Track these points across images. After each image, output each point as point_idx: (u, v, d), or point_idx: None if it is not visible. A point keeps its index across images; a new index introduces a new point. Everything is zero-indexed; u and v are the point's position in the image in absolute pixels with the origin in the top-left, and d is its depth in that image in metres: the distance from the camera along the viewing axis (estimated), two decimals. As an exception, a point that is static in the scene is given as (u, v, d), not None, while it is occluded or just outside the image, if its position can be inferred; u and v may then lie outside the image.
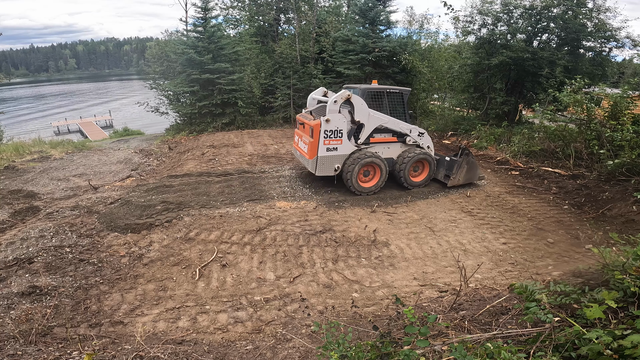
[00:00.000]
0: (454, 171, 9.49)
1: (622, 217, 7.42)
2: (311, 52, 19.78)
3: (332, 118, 8.27)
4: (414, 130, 9.34)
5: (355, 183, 8.78)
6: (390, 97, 9.16)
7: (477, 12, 14.64)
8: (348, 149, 8.71)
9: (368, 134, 8.83)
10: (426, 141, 9.59)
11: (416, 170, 9.62)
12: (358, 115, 8.53)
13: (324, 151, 8.48)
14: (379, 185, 9.06)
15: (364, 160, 8.60)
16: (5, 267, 5.56)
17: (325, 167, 8.63)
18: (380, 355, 2.67)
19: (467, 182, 9.77)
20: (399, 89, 9.20)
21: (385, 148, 9.28)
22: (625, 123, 9.25)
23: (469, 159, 9.52)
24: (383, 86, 9.18)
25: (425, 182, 9.63)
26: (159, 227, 7.14)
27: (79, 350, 3.84)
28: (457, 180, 9.55)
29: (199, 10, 17.59)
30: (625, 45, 13.33)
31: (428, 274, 5.72)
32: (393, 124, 9.04)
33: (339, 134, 8.46)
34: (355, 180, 8.73)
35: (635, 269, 3.09)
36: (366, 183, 9.04)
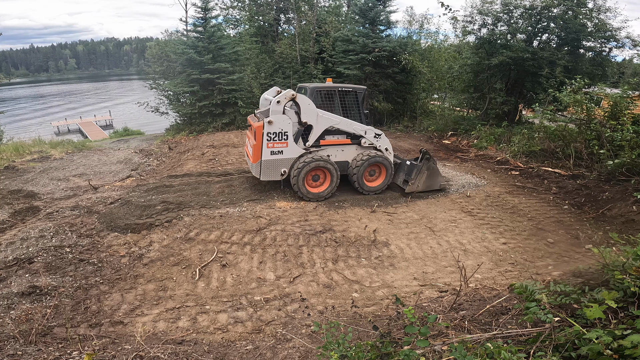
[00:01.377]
0: (413, 176, 8.93)
1: (622, 217, 7.42)
2: (311, 52, 19.78)
3: (276, 119, 7.84)
4: (369, 131, 8.79)
5: (303, 188, 8.33)
6: (343, 96, 8.67)
7: (477, 12, 14.65)
8: (295, 152, 8.25)
9: (317, 136, 8.35)
10: (384, 143, 8.99)
11: (372, 175, 9.08)
12: (305, 116, 8.06)
13: (268, 154, 8.04)
14: (330, 190, 8.58)
15: (311, 164, 8.17)
16: (5, 267, 5.56)
17: (270, 171, 8.21)
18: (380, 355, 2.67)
19: (428, 189, 9.14)
20: (352, 88, 8.72)
21: (338, 151, 8.76)
22: (625, 123, 9.25)
23: (429, 164, 8.97)
24: (334, 84, 8.73)
25: (382, 188, 9.07)
26: (159, 227, 7.14)
27: (79, 350, 3.84)
28: (415, 186, 8.97)
29: (199, 10, 17.61)
30: (625, 45, 13.34)
31: (428, 274, 5.72)
32: (345, 125, 8.53)
33: (283, 136, 8.01)
34: (302, 185, 8.30)
35: (635, 269, 3.09)
36: (316, 188, 8.56)
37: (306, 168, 8.19)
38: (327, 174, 8.54)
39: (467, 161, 12.27)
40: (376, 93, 18.15)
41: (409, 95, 19.36)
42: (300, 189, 8.35)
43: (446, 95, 20.48)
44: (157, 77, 21.55)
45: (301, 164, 8.19)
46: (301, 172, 8.19)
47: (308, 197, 8.43)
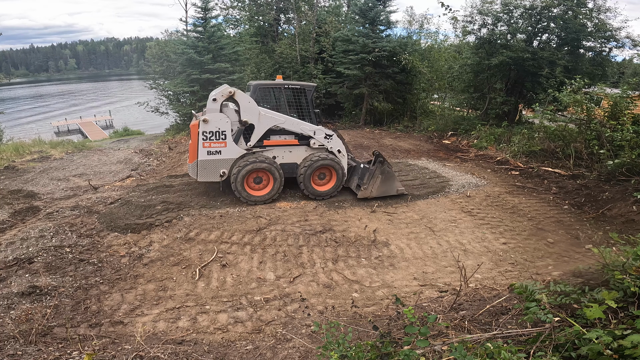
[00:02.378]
0: (365, 181, 8.48)
1: (622, 217, 7.42)
2: (311, 52, 19.78)
3: (211, 118, 7.51)
4: (319, 132, 8.32)
5: (243, 191, 7.95)
6: (290, 93, 8.24)
7: (477, 12, 14.66)
8: (235, 153, 7.88)
9: (260, 136, 7.97)
10: (335, 144, 8.52)
11: (322, 178, 8.59)
12: (245, 114, 7.71)
13: (204, 154, 7.71)
14: (273, 194, 8.18)
15: (251, 166, 7.79)
16: (5, 267, 5.56)
17: (208, 172, 7.85)
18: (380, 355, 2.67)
19: (383, 194, 8.61)
20: (300, 85, 8.30)
21: (286, 152, 8.34)
22: (625, 123, 9.25)
23: (384, 168, 8.45)
24: (281, 81, 8.27)
25: (332, 192, 8.60)
26: (159, 227, 7.14)
27: (79, 350, 3.85)
28: (368, 192, 8.47)
29: (199, 10, 17.59)
30: (625, 45, 13.36)
31: (428, 274, 5.72)
32: (292, 125, 8.11)
33: (221, 135, 7.66)
34: (241, 188, 7.91)
35: (635, 269, 3.09)
36: (258, 191, 8.16)
37: (245, 170, 7.79)
38: (270, 177, 8.11)
39: (467, 161, 12.27)
40: (376, 93, 18.15)
41: (409, 95, 19.36)
42: (240, 192, 7.96)
43: (446, 95, 20.49)
44: (157, 77, 21.54)
45: (240, 166, 7.82)
46: (239, 174, 7.80)
47: (249, 201, 8.07)
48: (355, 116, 19.84)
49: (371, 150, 13.49)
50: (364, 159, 12.37)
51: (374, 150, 9.08)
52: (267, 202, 8.19)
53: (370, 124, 19.22)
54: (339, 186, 8.67)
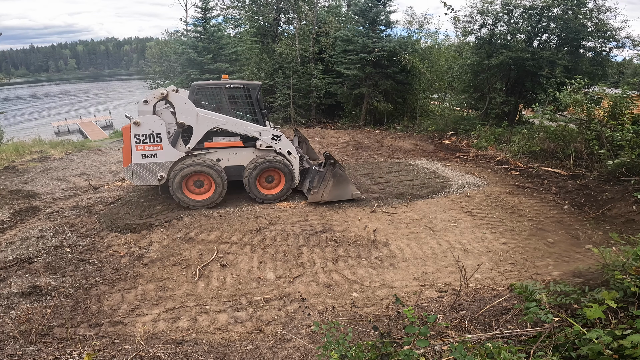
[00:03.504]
0: (316, 184, 8.13)
1: (622, 217, 7.42)
2: (311, 52, 19.79)
3: (143, 120, 7.30)
4: (265, 132, 7.99)
5: (181, 195, 7.68)
6: (232, 93, 7.96)
7: (477, 12, 14.67)
8: (173, 156, 7.62)
9: (200, 138, 7.70)
10: (284, 146, 8.18)
11: (270, 181, 8.28)
12: (181, 116, 7.46)
13: (138, 158, 7.46)
14: (215, 198, 7.86)
15: (188, 169, 7.54)
16: (5, 267, 5.56)
17: (144, 176, 7.60)
18: (380, 355, 2.68)
19: (337, 199, 8.27)
20: (243, 84, 7.99)
21: (231, 154, 8.04)
22: (625, 123, 9.26)
23: (335, 171, 8.07)
24: (223, 81, 7.99)
25: (281, 196, 8.29)
26: (159, 227, 7.14)
27: (79, 350, 3.85)
28: (320, 196, 8.09)
29: (199, 10, 17.63)
30: (625, 45, 13.37)
31: (428, 274, 5.72)
32: (234, 126, 7.80)
33: (156, 138, 7.42)
34: (180, 192, 7.65)
35: (635, 269, 3.09)
36: (199, 195, 7.88)
37: (183, 173, 7.54)
38: (211, 180, 7.79)
39: (467, 161, 12.27)
40: (376, 93, 18.16)
41: (409, 95, 19.37)
42: (179, 197, 7.69)
43: (446, 95, 20.49)
44: (157, 77, 21.57)
45: (177, 169, 7.57)
46: (176, 178, 7.54)
47: (189, 206, 7.79)
48: (355, 116, 19.85)
49: (371, 150, 13.52)
50: (363, 159, 12.39)
51: (324, 152, 8.70)
52: (209, 207, 7.85)
53: (370, 124, 19.23)
54: (288, 189, 8.35)
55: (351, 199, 8.47)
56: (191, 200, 7.80)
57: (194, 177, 7.76)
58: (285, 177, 8.24)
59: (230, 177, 8.06)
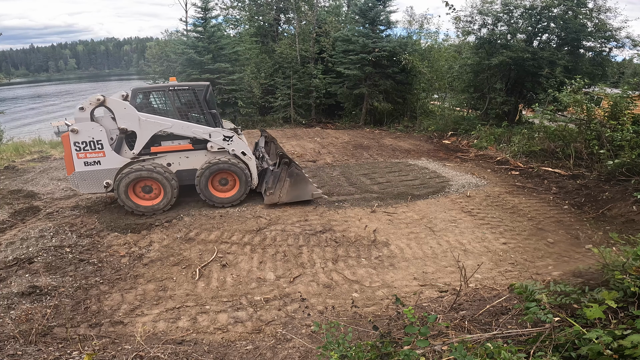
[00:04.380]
0: (271, 185, 7.91)
1: (622, 217, 7.42)
2: (311, 52, 19.79)
3: (81, 128, 7.11)
4: (215, 134, 7.75)
5: (128, 201, 7.49)
6: (177, 96, 7.77)
7: (477, 12, 14.67)
8: (118, 162, 7.44)
9: (144, 143, 7.50)
10: (238, 146, 7.92)
11: (225, 184, 8.05)
12: (122, 121, 7.29)
13: (81, 166, 7.30)
14: (165, 203, 7.65)
15: (134, 174, 7.36)
16: (5, 267, 5.56)
17: (89, 183, 7.44)
18: (380, 355, 2.68)
19: (295, 200, 8.06)
20: (188, 86, 7.82)
21: (182, 158, 7.83)
22: (625, 123, 9.26)
23: (291, 171, 7.83)
24: (166, 84, 7.87)
25: (237, 199, 8.04)
26: (159, 227, 7.15)
27: (79, 350, 3.85)
28: (276, 197, 7.91)
29: (199, 10, 17.61)
30: (625, 45, 13.38)
31: (428, 274, 5.72)
32: (181, 129, 7.59)
33: (97, 145, 7.23)
34: (126, 198, 7.46)
35: (635, 269, 3.09)
36: (149, 200, 7.69)
37: (127, 179, 7.35)
38: (159, 185, 7.61)
39: (467, 161, 12.27)
40: (376, 93, 18.16)
41: (409, 95, 19.37)
42: (125, 202, 7.50)
43: (446, 95, 20.50)
44: (157, 77, 21.56)
45: (122, 175, 7.40)
46: (121, 184, 7.38)
47: (138, 212, 7.61)
48: (355, 116, 19.85)
49: (371, 150, 13.52)
50: (363, 159, 12.39)
51: (277, 151, 8.35)
52: (159, 212, 7.67)
53: (370, 124, 19.23)
54: (244, 192, 8.08)
55: (311, 199, 8.22)
56: (139, 206, 7.60)
57: (142, 183, 7.58)
58: (239, 179, 7.96)
59: (183, 182, 7.89)
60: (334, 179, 10.07)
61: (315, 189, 8.34)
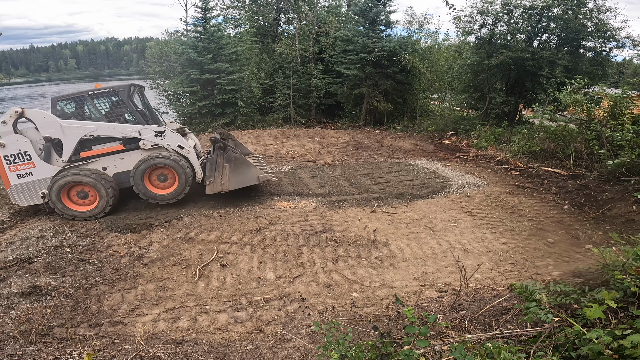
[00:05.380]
0: (209, 173, 7.58)
1: (622, 217, 7.42)
2: (311, 52, 19.78)
3: (7, 141, 7.09)
4: (145, 131, 7.57)
5: (62, 207, 7.36)
6: (101, 99, 7.68)
7: (477, 12, 14.67)
8: (50, 171, 7.35)
9: (72, 149, 7.37)
10: (172, 141, 7.73)
11: (164, 180, 7.84)
12: (44, 130, 7.20)
13: (15, 179, 7.25)
14: (102, 207, 7.47)
15: (62, 180, 7.25)
16: (5, 267, 5.57)
17: (27, 196, 7.40)
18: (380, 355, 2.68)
19: (241, 185, 7.70)
20: (108, 88, 7.72)
21: (117, 160, 7.69)
22: (625, 123, 9.25)
23: (228, 155, 7.44)
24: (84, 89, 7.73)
25: (178, 194, 7.82)
26: (159, 227, 7.15)
27: (79, 350, 3.85)
28: (218, 185, 7.49)
29: (199, 10, 17.60)
30: (625, 45, 13.38)
31: (428, 274, 5.72)
32: (107, 130, 7.45)
33: (25, 156, 7.19)
34: (60, 204, 7.34)
35: (635, 269, 3.09)
36: (85, 206, 7.57)
37: (57, 185, 7.27)
38: (93, 190, 7.45)
39: (467, 161, 12.27)
40: (376, 93, 18.16)
41: (409, 95, 19.37)
42: (59, 209, 7.38)
43: (446, 95, 20.50)
44: (157, 77, 21.56)
45: (52, 182, 7.31)
46: (52, 190, 7.27)
47: (75, 218, 7.46)
48: (355, 116, 19.85)
49: (371, 150, 13.52)
50: (363, 159, 12.39)
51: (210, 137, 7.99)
52: (98, 217, 7.53)
53: (370, 124, 19.23)
54: (184, 187, 7.85)
55: (259, 183, 7.85)
56: (75, 211, 7.46)
57: (76, 188, 7.46)
58: (178, 174, 7.70)
59: (124, 184, 7.76)
60: (334, 179, 10.06)
61: (260, 172, 7.90)
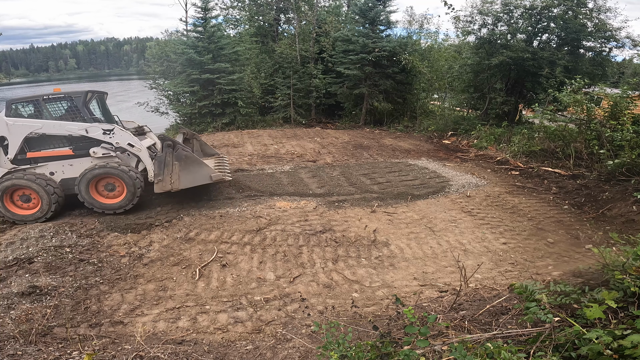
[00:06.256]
0: (157, 172, 7.34)
1: (622, 217, 7.42)
2: (311, 52, 19.78)
3: None
4: (93, 129, 7.32)
5: (4, 209, 7.28)
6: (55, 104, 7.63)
7: (477, 12, 14.67)
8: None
9: (17, 147, 7.26)
10: (122, 138, 7.45)
11: (112, 189, 7.59)
12: None
13: None
14: (43, 213, 7.32)
15: (7, 182, 7.15)
16: (5, 267, 5.57)
17: None
18: (380, 355, 2.68)
19: (193, 184, 7.49)
20: (64, 93, 7.60)
21: (65, 166, 7.57)
22: (625, 123, 9.26)
23: (178, 154, 7.29)
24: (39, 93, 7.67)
25: (127, 203, 7.56)
26: (159, 227, 7.15)
27: (79, 350, 3.85)
28: (168, 184, 7.28)
29: (199, 10, 17.60)
30: (625, 45, 13.39)
31: (428, 274, 5.72)
32: (53, 128, 7.31)
33: None
34: (4, 209, 7.27)
35: (635, 269, 3.09)
36: (27, 210, 7.46)
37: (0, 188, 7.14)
38: (34, 194, 7.29)
39: (467, 161, 12.27)
40: (376, 93, 18.17)
41: (409, 95, 19.37)
42: (2, 212, 7.30)
43: (446, 95, 20.50)
44: (157, 77, 21.55)
45: None
46: None
47: (15, 221, 7.37)
48: (355, 116, 19.85)
49: (371, 150, 13.52)
50: (363, 159, 12.39)
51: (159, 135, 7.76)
52: (39, 221, 7.34)
53: (370, 124, 19.23)
54: (133, 196, 7.57)
55: (212, 182, 7.64)
56: (16, 214, 7.37)
57: (19, 192, 7.35)
58: (126, 184, 7.48)
59: (71, 191, 7.57)
60: (334, 179, 10.06)
61: (213, 171, 7.69)
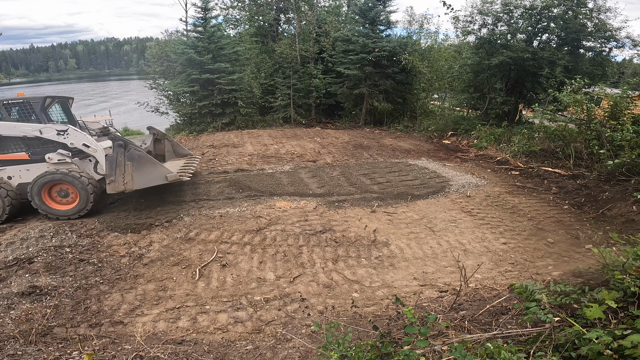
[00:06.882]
0: (109, 172, 7.09)
1: (622, 217, 7.42)
2: (311, 52, 19.79)
3: None
4: (46, 130, 7.29)
5: None
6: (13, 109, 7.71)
7: (477, 12, 14.67)
8: None
9: None
10: (76, 139, 7.38)
11: (65, 196, 7.55)
12: None
13: None
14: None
15: None
16: (5, 267, 5.56)
17: None
18: (380, 355, 2.67)
19: (148, 185, 7.32)
20: (23, 99, 7.67)
21: (22, 170, 7.57)
22: (625, 123, 9.25)
23: (130, 153, 7.05)
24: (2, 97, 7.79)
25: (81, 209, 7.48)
26: (159, 227, 7.14)
27: (79, 350, 3.84)
28: (120, 184, 7.07)
29: (199, 10, 17.60)
30: (625, 45, 13.38)
31: (428, 274, 5.72)
32: (7, 130, 7.31)
33: None
34: None
35: (635, 269, 3.09)
36: None
37: None
38: None
39: (467, 161, 12.27)
40: (376, 93, 18.17)
41: (409, 95, 19.38)
42: None
43: (446, 95, 20.50)
44: (157, 77, 21.55)
45: None
46: None
47: None
48: (355, 116, 19.85)
49: (371, 150, 13.52)
50: (363, 159, 12.38)
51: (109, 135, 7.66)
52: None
53: (370, 124, 19.24)
54: (86, 203, 7.47)
55: (167, 182, 7.44)
56: None
57: None
58: (78, 190, 7.39)
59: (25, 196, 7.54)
60: (334, 179, 10.06)
61: (169, 171, 7.53)
